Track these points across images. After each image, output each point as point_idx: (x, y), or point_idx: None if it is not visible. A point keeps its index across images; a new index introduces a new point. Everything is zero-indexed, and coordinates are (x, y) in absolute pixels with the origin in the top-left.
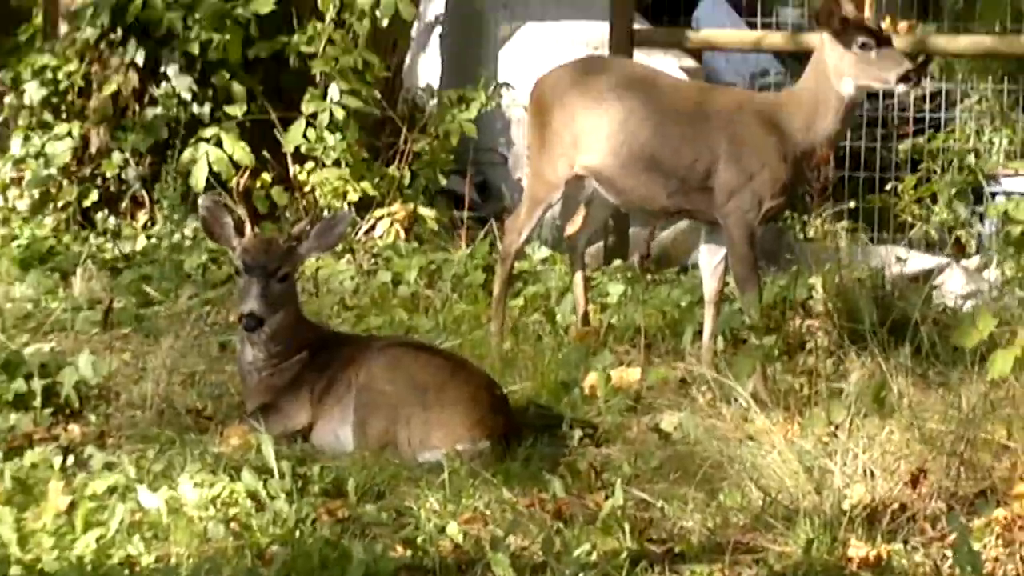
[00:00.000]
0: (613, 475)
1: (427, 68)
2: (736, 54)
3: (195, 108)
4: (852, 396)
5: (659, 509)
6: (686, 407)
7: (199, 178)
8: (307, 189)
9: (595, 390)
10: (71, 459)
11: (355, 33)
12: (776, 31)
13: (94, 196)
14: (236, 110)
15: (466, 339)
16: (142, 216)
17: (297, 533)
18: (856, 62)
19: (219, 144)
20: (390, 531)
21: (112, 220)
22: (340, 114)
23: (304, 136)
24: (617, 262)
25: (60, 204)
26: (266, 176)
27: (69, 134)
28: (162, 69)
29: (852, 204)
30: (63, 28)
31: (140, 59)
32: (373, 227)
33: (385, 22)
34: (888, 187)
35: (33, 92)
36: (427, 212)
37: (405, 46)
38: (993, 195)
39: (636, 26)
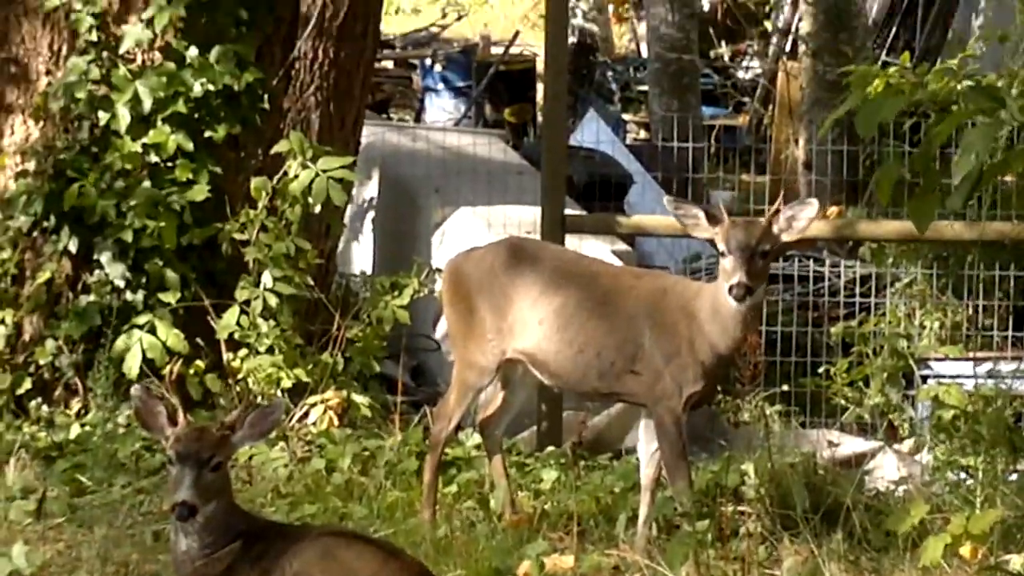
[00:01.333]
0: None
1: (360, 253)
2: (673, 240)
3: (128, 295)
4: None
5: None
6: None
7: (132, 366)
8: (241, 376)
9: None
10: None
11: (287, 219)
12: None
13: (27, 384)
14: (170, 297)
15: (400, 527)
16: (76, 404)
17: None
18: (721, 270)
19: (152, 331)
20: None
21: (45, 408)
22: (273, 301)
23: (238, 323)
24: (550, 448)
25: None
26: (200, 363)
27: (2, 322)
28: (96, 257)
29: (784, 387)
30: None
31: (73, 247)
32: (306, 414)
33: (318, 208)
34: (820, 370)
35: None
36: (360, 399)
37: (338, 231)
38: (924, 379)
39: (568, 211)
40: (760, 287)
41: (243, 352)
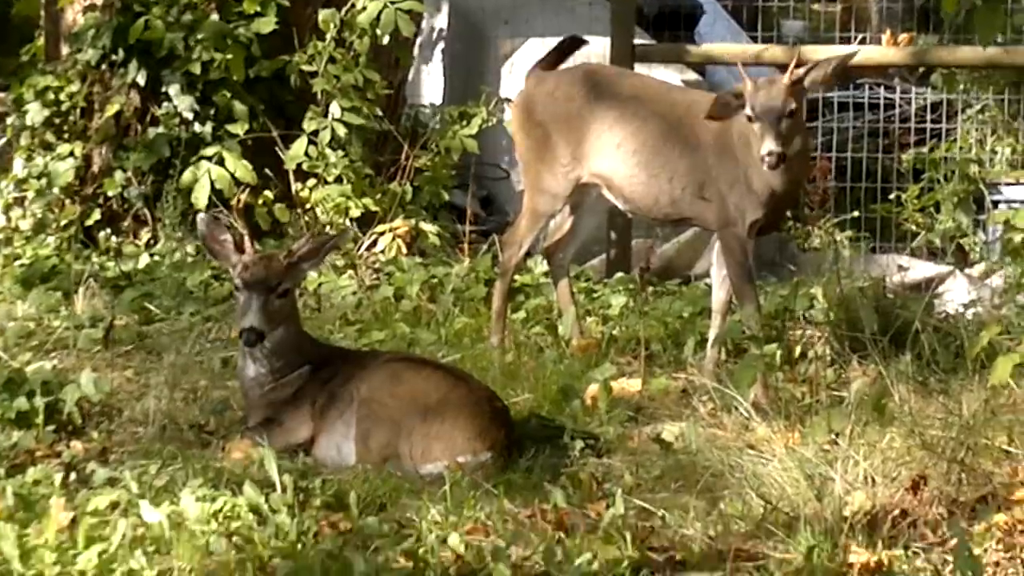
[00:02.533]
0: (614, 485)
1: (430, 84)
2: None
3: (197, 127)
4: (853, 404)
5: (660, 518)
6: (687, 417)
7: (201, 197)
8: (309, 206)
9: (596, 401)
10: (73, 476)
11: (356, 51)
12: (777, 44)
13: (97, 215)
14: (238, 128)
15: (468, 353)
16: (145, 235)
17: (299, 546)
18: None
19: (221, 163)
20: (392, 543)
21: (115, 239)
22: (341, 131)
23: (306, 154)
24: (619, 274)
25: (63, 224)
26: (268, 193)
27: (71, 154)
28: (164, 89)
29: (855, 213)
30: (65, 49)
31: (142, 80)
32: (375, 242)
33: (385, 39)
34: (891, 196)
35: (35, 113)
36: (429, 227)
37: (407, 63)
38: (995, 203)
39: (637, 41)
40: (793, 145)
41: (311, 182)
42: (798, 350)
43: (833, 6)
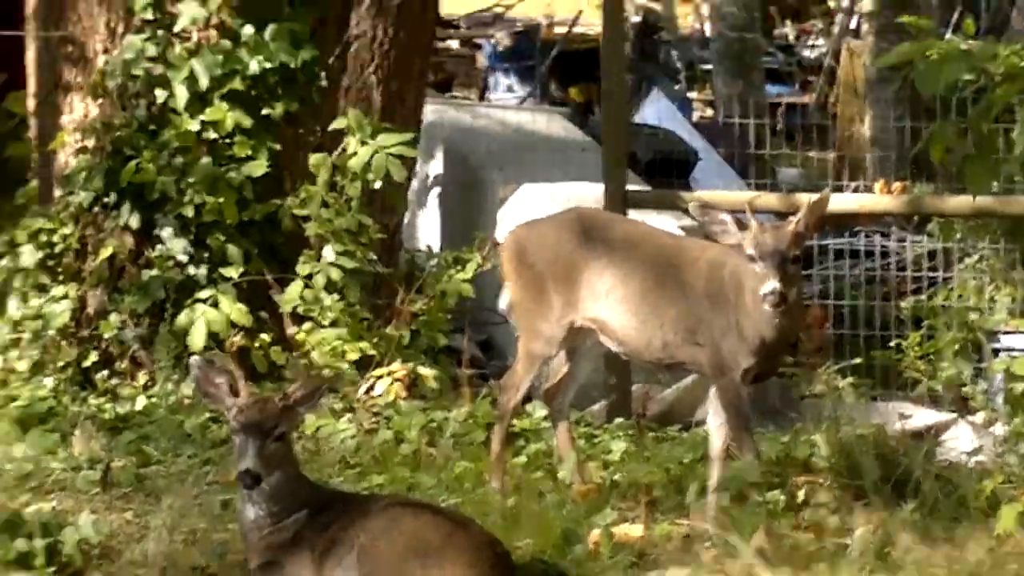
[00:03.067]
0: None
1: (427, 228)
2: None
3: (191, 269)
4: (856, 552)
5: None
6: (691, 563)
7: (197, 339)
8: (306, 349)
9: (599, 547)
10: None
11: (348, 195)
12: (772, 192)
13: (93, 357)
14: (232, 272)
15: (468, 497)
16: (142, 377)
17: None
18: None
19: (216, 305)
20: None
21: (112, 381)
22: (336, 275)
23: (301, 297)
24: (619, 420)
25: (59, 365)
26: (264, 336)
27: (66, 296)
28: (157, 231)
29: (856, 360)
30: (57, 192)
31: (135, 222)
32: (373, 386)
33: (377, 184)
34: (891, 344)
35: (29, 255)
36: (427, 371)
37: (402, 206)
38: (996, 352)
39: (630, 187)
40: (794, 290)
41: (307, 326)
42: (801, 497)
43: (828, 154)
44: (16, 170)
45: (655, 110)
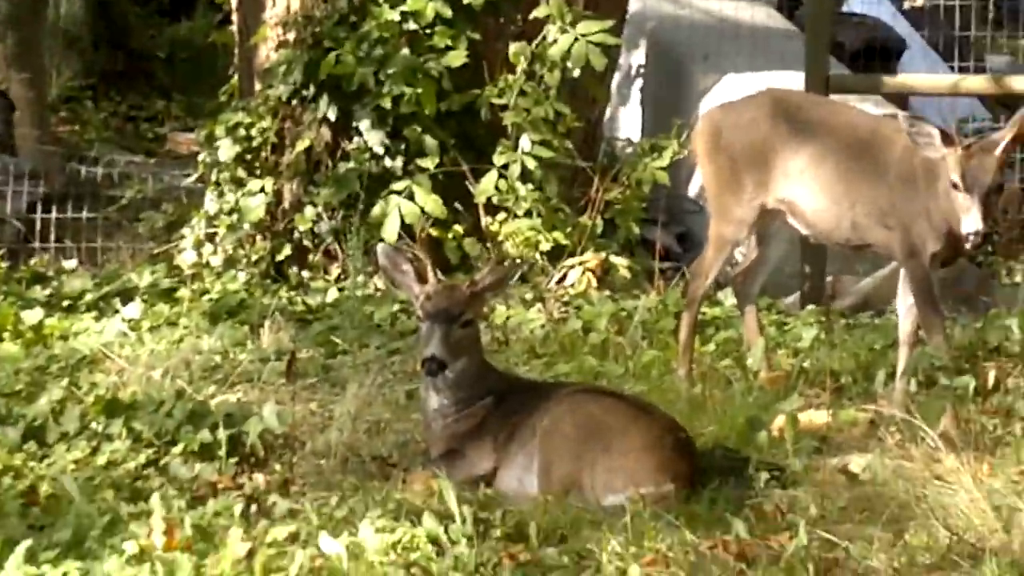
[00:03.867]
0: (798, 516)
1: (628, 119)
2: (943, 100)
3: (387, 161)
4: None
5: (844, 550)
6: (874, 448)
7: (391, 231)
8: (499, 239)
9: (783, 433)
10: (254, 507)
11: (546, 84)
12: (976, 75)
13: (287, 251)
14: (428, 163)
15: (654, 385)
16: (334, 270)
17: None
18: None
19: (411, 197)
20: (571, 574)
21: (304, 273)
22: (531, 165)
23: (496, 187)
24: (811, 307)
25: (253, 259)
26: (458, 227)
27: (262, 190)
28: (354, 124)
29: None
30: (257, 86)
31: (332, 115)
32: (564, 276)
33: (577, 72)
34: None
35: (226, 149)
36: (619, 260)
37: (603, 97)
38: None
39: (832, 72)
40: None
41: (501, 216)
42: (991, 381)
43: None
44: (217, 69)
45: None
